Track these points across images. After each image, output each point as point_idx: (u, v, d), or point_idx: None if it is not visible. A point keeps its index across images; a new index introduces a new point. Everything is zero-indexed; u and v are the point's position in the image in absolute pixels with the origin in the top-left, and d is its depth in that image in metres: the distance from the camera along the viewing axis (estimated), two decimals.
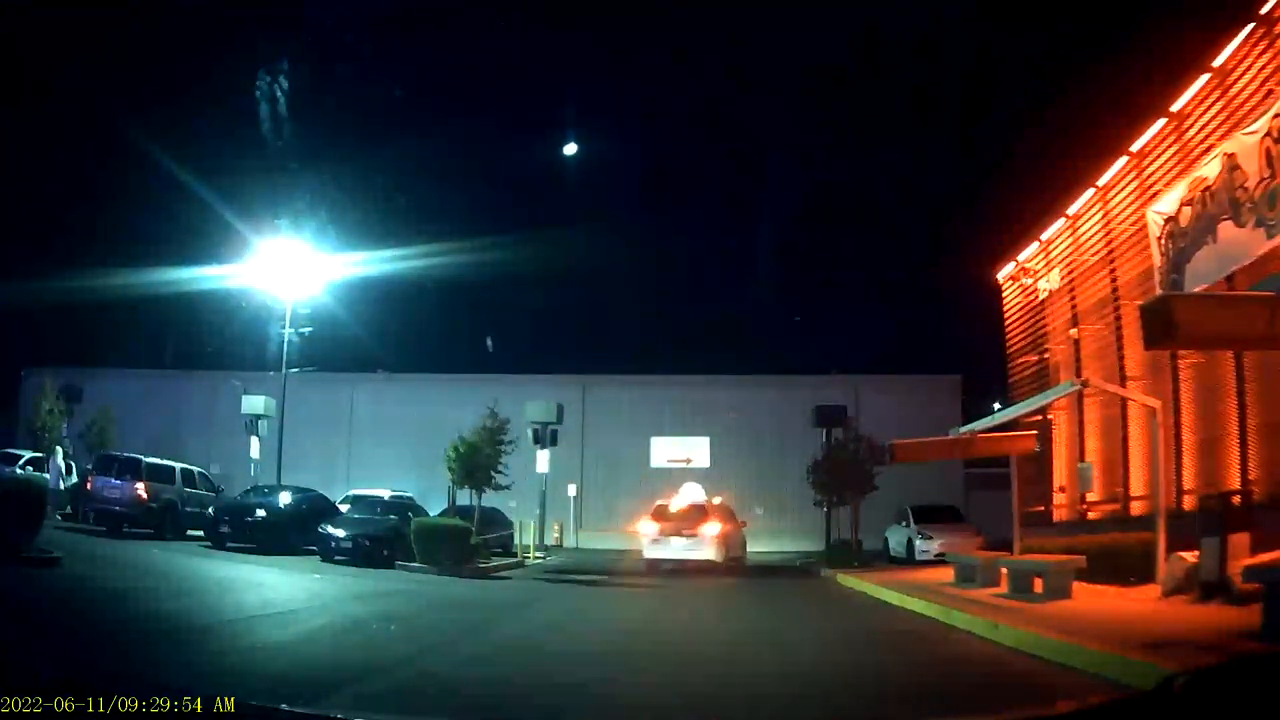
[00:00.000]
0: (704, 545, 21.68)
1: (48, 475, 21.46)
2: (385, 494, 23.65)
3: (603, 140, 56.08)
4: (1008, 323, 25.95)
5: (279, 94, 27.62)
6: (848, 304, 62.79)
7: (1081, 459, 21.13)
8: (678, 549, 21.75)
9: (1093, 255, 20.87)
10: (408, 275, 34.07)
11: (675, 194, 67.23)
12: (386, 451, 38.79)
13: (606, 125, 58.46)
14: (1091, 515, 20.71)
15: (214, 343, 37.56)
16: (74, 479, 24.01)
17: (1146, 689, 2.42)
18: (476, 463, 20.18)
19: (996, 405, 25.77)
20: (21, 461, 23.34)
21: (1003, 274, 26.48)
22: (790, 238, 60.13)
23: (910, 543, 25.17)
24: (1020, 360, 24.87)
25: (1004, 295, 26.29)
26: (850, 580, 18.96)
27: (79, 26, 33.75)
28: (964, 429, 17.50)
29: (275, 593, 12.99)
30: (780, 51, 53.32)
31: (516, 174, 56.78)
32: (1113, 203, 19.90)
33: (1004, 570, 14.47)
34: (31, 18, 28.89)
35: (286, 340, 28.80)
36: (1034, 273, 24.16)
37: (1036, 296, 24.09)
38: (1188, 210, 15.94)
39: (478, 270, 36.80)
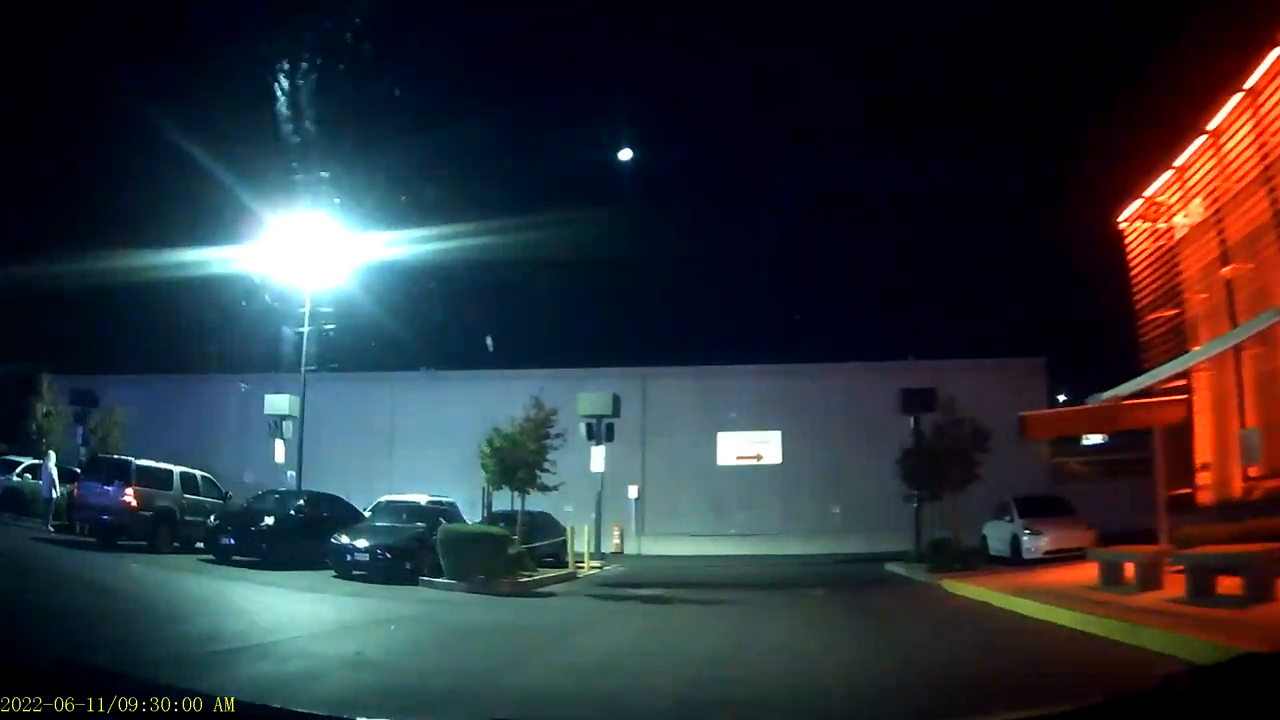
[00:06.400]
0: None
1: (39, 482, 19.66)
2: (422, 499, 21.20)
3: (661, 123, 53.19)
4: (1134, 275, 22.18)
5: (310, 76, 25.38)
6: (927, 286, 57.84)
7: (1242, 425, 17.50)
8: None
9: (1244, 177, 17.15)
10: (454, 265, 32.32)
11: (739, 177, 63.84)
12: (432, 455, 36.51)
13: (663, 108, 55.29)
14: (1256, 495, 17.13)
15: (243, 343, 35.97)
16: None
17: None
18: (516, 460, 17.73)
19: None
20: (20, 468, 21.91)
21: (1125, 216, 22.55)
22: (863, 217, 55.81)
23: (1016, 539, 21.85)
24: (1152, 316, 21.12)
25: (1128, 243, 22.45)
26: (961, 587, 15.93)
27: (90, 23, 32.34)
28: (1105, 395, 14.18)
29: (258, 619, 10.94)
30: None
31: (568, 153, 53.30)
32: (1266, 106, 16.21)
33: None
34: (44, 11, 27.59)
35: (305, 337, 26.70)
36: (1168, 208, 20.34)
37: (1172, 237, 20.31)
38: None
39: (532, 255, 34.18)
